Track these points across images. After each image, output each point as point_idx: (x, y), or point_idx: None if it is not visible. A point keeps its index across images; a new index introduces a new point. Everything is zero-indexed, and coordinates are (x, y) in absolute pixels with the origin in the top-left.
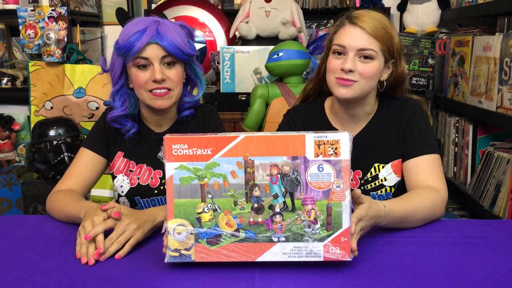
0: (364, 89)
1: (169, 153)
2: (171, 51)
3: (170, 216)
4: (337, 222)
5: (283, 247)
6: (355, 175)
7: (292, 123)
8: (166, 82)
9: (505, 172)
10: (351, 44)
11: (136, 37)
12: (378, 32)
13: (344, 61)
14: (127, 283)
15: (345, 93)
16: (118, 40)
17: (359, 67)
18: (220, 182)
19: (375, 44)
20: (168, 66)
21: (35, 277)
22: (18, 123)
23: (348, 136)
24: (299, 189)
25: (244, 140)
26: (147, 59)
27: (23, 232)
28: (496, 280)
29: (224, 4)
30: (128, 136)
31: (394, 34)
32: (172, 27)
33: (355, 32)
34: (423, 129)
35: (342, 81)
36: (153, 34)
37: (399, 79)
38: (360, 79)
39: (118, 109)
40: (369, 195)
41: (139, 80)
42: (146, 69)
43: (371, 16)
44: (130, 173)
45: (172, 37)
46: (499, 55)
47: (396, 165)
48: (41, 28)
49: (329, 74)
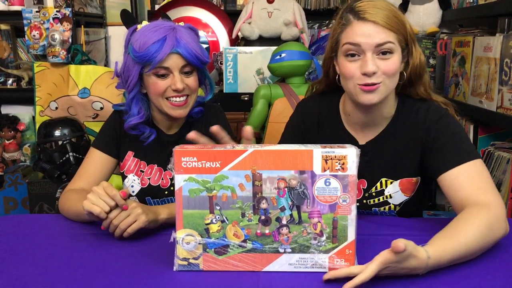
0: (389, 89)
1: (179, 165)
2: (192, 60)
3: (179, 226)
4: (342, 235)
5: (289, 258)
6: (359, 185)
7: (301, 121)
8: (185, 90)
9: (505, 172)
10: (366, 42)
11: (156, 47)
12: (391, 22)
13: (363, 63)
14: (134, 284)
15: (372, 99)
16: (134, 46)
17: (381, 65)
18: (228, 194)
19: (392, 36)
20: (186, 75)
21: (42, 275)
22: (23, 123)
23: (355, 151)
24: (306, 203)
25: (253, 154)
26: (168, 69)
27: (29, 231)
28: (496, 278)
29: (226, 5)
30: (147, 143)
31: (405, 20)
32: (187, 34)
33: (367, 28)
34: (452, 134)
35: (367, 87)
36: (173, 43)
37: (417, 69)
38: (385, 78)
39: (136, 117)
40: (371, 210)
41: (158, 89)
42: (166, 78)
43: (378, 5)
44: (141, 173)
45: (191, 46)
46: (499, 56)
47: (404, 184)
48: (46, 29)
49: (347, 81)
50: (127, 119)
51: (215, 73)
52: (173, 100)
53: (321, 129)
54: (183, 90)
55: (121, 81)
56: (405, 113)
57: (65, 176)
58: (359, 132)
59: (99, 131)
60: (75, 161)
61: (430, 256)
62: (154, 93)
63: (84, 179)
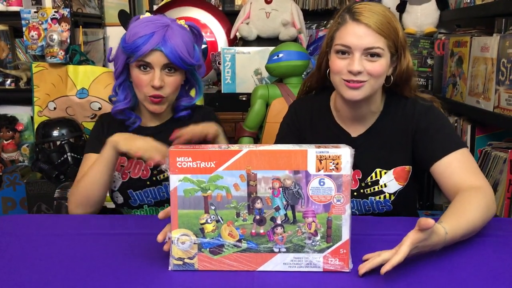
0: (374, 88)
1: (174, 165)
2: (174, 61)
3: (174, 226)
4: (336, 234)
5: (283, 257)
6: (354, 175)
7: (295, 119)
8: (163, 89)
9: (502, 172)
10: (356, 44)
11: (142, 41)
12: (383, 27)
13: (351, 62)
14: (129, 283)
15: (355, 95)
16: (125, 36)
17: (367, 66)
18: (223, 194)
19: (381, 41)
20: (169, 72)
21: (38, 275)
22: (21, 123)
23: (349, 152)
24: (300, 202)
25: (247, 154)
26: (149, 64)
27: (27, 231)
28: (491, 277)
29: (225, 5)
30: (132, 129)
31: (398, 27)
32: (180, 34)
33: (360, 30)
34: (441, 125)
35: (352, 84)
36: (159, 41)
37: (405, 74)
38: (370, 78)
39: (122, 102)
40: (367, 199)
41: (140, 82)
42: (147, 72)
43: (374, 10)
44: (122, 168)
45: (177, 46)
46: (496, 56)
47: (398, 172)
48: (44, 30)
49: (335, 75)
50: (114, 105)
51: (213, 73)
52: (151, 95)
53: (315, 125)
54: (161, 89)
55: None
56: (393, 107)
57: (63, 176)
58: (350, 126)
59: (89, 137)
60: (73, 161)
61: (448, 232)
62: (135, 85)
63: None
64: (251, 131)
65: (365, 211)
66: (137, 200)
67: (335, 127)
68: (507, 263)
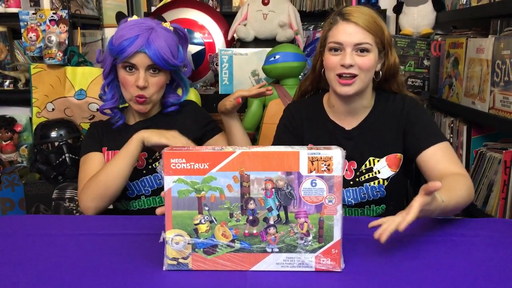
0: (364, 82)
1: (168, 166)
2: (157, 62)
3: (169, 226)
4: (328, 234)
5: (276, 257)
6: (350, 166)
7: (291, 119)
8: (147, 89)
9: (497, 172)
10: (347, 40)
11: (127, 43)
12: (371, 25)
13: (343, 57)
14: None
15: (348, 90)
16: (112, 38)
17: (358, 60)
18: (217, 195)
19: (369, 38)
20: (153, 73)
21: (34, 274)
22: (20, 124)
23: (340, 153)
24: (293, 203)
25: (240, 156)
26: (134, 65)
27: (24, 231)
28: (480, 276)
29: (222, 6)
30: (116, 126)
31: (384, 26)
32: (164, 36)
33: (350, 28)
34: (428, 120)
35: (345, 80)
36: (142, 43)
37: (392, 69)
38: (360, 72)
39: (109, 102)
40: (362, 186)
41: (126, 82)
42: (133, 73)
43: (361, 11)
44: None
45: (160, 48)
46: (491, 57)
47: (391, 159)
48: (42, 31)
49: (329, 71)
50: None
51: (211, 74)
52: (136, 96)
53: (310, 124)
54: (145, 89)
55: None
56: (383, 102)
57: (62, 177)
58: (344, 121)
59: (83, 143)
60: (72, 162)
61: (443, 200)
62: (122, 85)
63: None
64: (248, 131)
65: (361, 199)
66: (134, 191)
67: (330, 123)
68: (499, 262)
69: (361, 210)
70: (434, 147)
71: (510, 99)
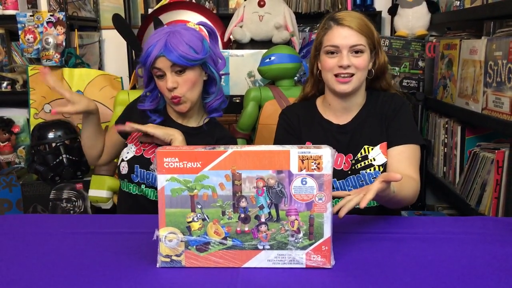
0: (360, 80)
1: (161, 165)
2: (176, 61)
3: (162, 224)
4: (318, 232)
5: (267, 254)
6: (347, 159)
7: (288, 121)
8: (178, 89)
9: (490, 172)
10: (343, 43)
11: (149, 51)
12: (363, 28)
13: (340, 58)
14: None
15: (346, 88)
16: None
17: (354, 61)
18: (209, 194)
19: (362, 39)
20: (180, 73)
21: (28, 273)
22: (18, 125)
23: (330, 152)
24: (284, 201)
25: (232, 155)
26: (160, 69)
27: (20, 229)
28: (468, 273)
29: (219, 8)
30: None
31: (373, 28)
32: (181, 35)
33: (344, 32)
34: (409, 120)
35: (342, 79)
36: (161, 48)
37: (381, 67)
38: (357, 71)
39: (147, 104)
40: (359, 173)
41: (161, 89)
42: (163, 78)
43: (353, 15)
44: (139, 144)
45: (178, 47)
46: (484, 58)
47: (384, 147)
48: (40, 33)
49: (326, 72)
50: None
51: None
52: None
53: (305, 123)
54: (175, 90)
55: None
56: (373, 100)
57: (59, 178)
58: (339, 118)
59: (122, 112)
60: (69, 162)
61: (395, 191)
62: (161, 91)
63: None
64: (244, 132)
65: (360, 186)
66: (138, 177)
67: (325, 121)
68: (488, 259)
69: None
70: (403, 146)
71: (502, 100)
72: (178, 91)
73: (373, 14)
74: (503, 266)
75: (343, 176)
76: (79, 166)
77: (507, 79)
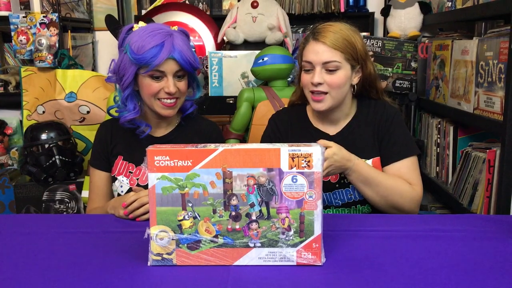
0: (336, 98)
1: (152, 164)
2: (185, 66)
3: (153, 222)
4: (309, 229)
5: (258, 252)
6: None
7: (275, 128)
8: (176, 93)
9: (482, 171)
10: (315, 59)
11: (155, 52)
12: (339, 44)
13: (313, 75)
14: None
15: (320, 107)
16: (132, 48)
17: (327, 78)
18: (200, 192)
19: (337, 55)
20: (179, 78)
21: (20, 272)
22: (10, 127)
23: (320, 150)
24: (274, 199)
25: (223, 153)
26: (163, 72)
27: (11, 229)
28: (460, 269)
29: (212, 9)
30: (144, 136)
31: (356, 41)
32: (182, 40)
33: (318, 48)
34: (403, 131)
35: (316, 97)
36: (170, 50)
37: (368, 80)
38: (330, 89)
39: (132, 112)
40: (348, 187)
41: (152, 90)
42: (160, 80)
43: (332, 29)
44: (130, 174)
45: (185, 52)
46: (475, 59)
47: (376, 162)
48: (33, 34)
49: (304, 88)
50: (122, 115)
51: (201, 76)
52: (164, 101)
53: (295, 132)
54: (175, 93)
55: (116, 78)
56: (364, 109)
57: (52, 179)
58: (328, 128)
59: (92, 147)
60: (61, 164)
61: (357, 160)
62: (147, 93)
63: (97, 199)
64: (238, 133)
65: (347, 200)
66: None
67: (314, 130)
68: (478, 256)
69: (348, 210)
70: (400, 162)
71: (493, 100)
72: (177, 94)
73: (366, 15)
74: (493, 263)
75: (330, 188)
76: (72, 167)
77: (497, 79)
